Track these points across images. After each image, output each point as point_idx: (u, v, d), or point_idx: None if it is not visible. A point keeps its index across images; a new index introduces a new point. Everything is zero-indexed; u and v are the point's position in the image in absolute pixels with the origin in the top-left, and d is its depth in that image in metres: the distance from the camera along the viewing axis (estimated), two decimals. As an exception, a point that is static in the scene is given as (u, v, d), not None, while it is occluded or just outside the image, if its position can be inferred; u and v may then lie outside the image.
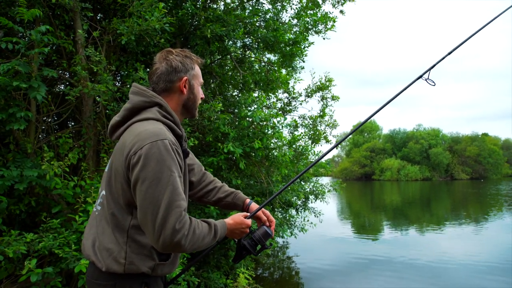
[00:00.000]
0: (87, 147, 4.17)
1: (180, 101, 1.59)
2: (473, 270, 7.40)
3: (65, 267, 3.24)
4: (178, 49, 1.62)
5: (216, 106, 4.66)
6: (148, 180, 1.32)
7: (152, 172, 1.32)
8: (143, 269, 1.43)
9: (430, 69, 1.98)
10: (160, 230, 1.30)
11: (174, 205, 1.32)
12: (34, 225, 3.81)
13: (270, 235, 1.75)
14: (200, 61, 1.67)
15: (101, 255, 1.44)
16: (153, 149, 1.34)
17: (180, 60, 1.56)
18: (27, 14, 3.31)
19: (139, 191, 1.34)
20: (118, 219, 1.44)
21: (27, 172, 3.35)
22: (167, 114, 1.51)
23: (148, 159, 1.33)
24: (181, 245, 1.32)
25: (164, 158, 1.34)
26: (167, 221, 1.30)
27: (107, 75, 3.90)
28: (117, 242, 1.43)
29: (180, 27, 5.07)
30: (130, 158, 1.37)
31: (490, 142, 67.59)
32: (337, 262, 8.10)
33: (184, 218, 1.34)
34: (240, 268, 5.18)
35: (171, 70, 1.54)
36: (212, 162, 4.79)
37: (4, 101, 3.43)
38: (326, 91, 7.54)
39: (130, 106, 1.52)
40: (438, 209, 19.23)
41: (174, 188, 1.34)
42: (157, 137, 1.37)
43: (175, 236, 1.30)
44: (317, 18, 6.32)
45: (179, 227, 1.31)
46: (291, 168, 6.34)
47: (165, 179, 1.33)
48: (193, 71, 1.60)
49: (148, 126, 1.42)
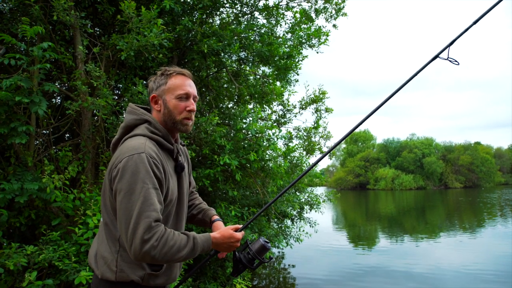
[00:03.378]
0: (86, 160, 4.24)
1: (159, 117, 1.65)
2: (468, 279, 7.46)
3: (65, 279, 3.29)
4: (162, 67, 1.68)
5: (212, 119, 4.76)
6: (123, 191, 1.40)
7: (127, 184, 1.40)
8: (132, 277, 1.50)
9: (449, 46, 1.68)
10: (131, 239, 1.36)
11: (144, 216, 1.37)
12: (34, 238, 3.85)
13: (268, 249, 1.71)
14: (187, 73, 1.66)
15: (99, 263, 1.54)
16: (129, 162, 1.42)
17: (153, 80, 1.66)
18: (30, 31, 3.41)
19: (117, 202, 1.42)
20: (110, 229, 1.53)
21: (28, 185, 3.41)
22: (155, 129, 1.60)
23: (124, 171, 1.41)
24: (150, 255, 1.36)
25: (138, 171, 1.41)
26: (136, 231, 1.35)
27: (107, 89, 3.99)
28: (110, 251, 1.52)
29: (177, 42, 5.19)
30: (112, 171, 1.47)
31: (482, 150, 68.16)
32: (333, 272, 8.12)
33: (154, 229, 1.38)
34: (237, 279, 5.21)
35: (148, 92, 1.67)
36: (208, 174, 4.87)
37: (5, 116, 3.51)
38: (320, 103, 7.68)
39: (125, 125, 1.64)
40: (433, 218, 19.32)
41: (145, 199, 1.39)
42: (135, 151, 1.45)
43: (144, 246, 1.35)
44: (311, 33, 6.48)
45: (148, 237, 1.35)
46: (286, 179, 6.43)
47: (138, 190, 1.39)
48: (165, 86, 1.62)
49: (132, 141, 1.52)
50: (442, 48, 1.70)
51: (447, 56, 1.66)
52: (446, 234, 13.08)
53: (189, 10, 5.31)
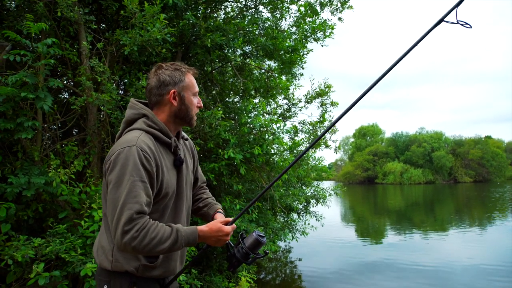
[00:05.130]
0: (91, 154, 4.30)
1: (171, 112, 1.67)
2: (477, 274, 7.41)
3: (72, 271, 3.36)
4: (170, 62, 1.71)
5: (216, 113, 4.78)
6: (112, 183, 1.45)
7: (116, 176, 1.44)
8: (127, 268, 1.54)
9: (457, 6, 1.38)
10: (114, 230, 1.41)
11: (126, 208, 1.40)
12: (41, 230, 3.93)
13: (262, 243, 1.65)
14: (194, 71, 1.73)
15: (98, 253, 1.60)
16: (121, 155, 1.46)
17: (168, 74, 1.65)
18: (34, 28, 3.45)
19: (107, 193, 1.47)
20: (108, 219, 1.55)
21: (35, 179, 3.47)
22: (152, 123, 1.61)
23: (115, 164, 1.46)
24: (131, 246, 1.39)
25: (127, 163, 1.44)
26: (118, 222, 1.40)
27: (111, 85, 4.03)
28: (107, 241, 1.58)
29: (181, 37, 5.21)
30: (106, 163, 1.53)
31: (493, 144, 67.27)
32: (340, 266, 8.11)
33: (136, 221, 1.39)
34: (242, 272, 5.26)
35: (159, 84, 1.64)
36: (213, 168, 4.91)
37: (12, 111, 3.57)
38: (326, 97, 7.66)
39: (125, 120, 1.67)
40: (442, 213, 19.19)
41: (129, 191, 1.41)
42: (127, 143, 1.49)
43: (124, 237, 1.38)
44: (316, 26, 6.44)
45: (127, 228, 1.38)
46: (291, 173, 6.45)
47: (124, 182, 1.43)
48: (183, 83, 1.66)
49: (128, 135, 1.56)
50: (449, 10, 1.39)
51: (456, 19, 1.36)
52: (455, 229, 12.99)
53: (193, 5, 5.33)
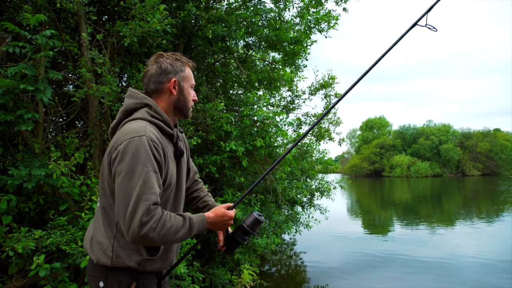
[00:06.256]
0: (93, 146, 4.29)
1: (170, 101, 1.66)
2: (485, 267, 7.32)
3: (72, 263, 3.37)
4: (170, 52, 1.70)
5: (218, 105, 4.75)
6: (123, 173, 1.40)
7: (127, 166, 1.40)
8: (129, 264, 1.50)
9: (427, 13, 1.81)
10: (129, 222, 1.36)
11: (143, 198, 1.37)
12: (42, 222, 3.95)
13: (261, 222, 1.75)
14: (192, 64, 1.73)
15: (94, 248, 1.54)
16: (130, 145, 1.42)
17: (169, 62, 1.63)
18: (32, 20, 3.43)
19: (115, 184, 1.42)
20: (108, 213, 1.53)
21: (35, 172, 3.47)
22: (156, 114, 1.59)
23: (124, 154, 1.41)
24: (149, 237, 1.37)
25: (139, 153, 1.41)
26: (135, 213, 1.35)
27: (111, 76, 4.01)
28: (106, 236, 1.52)
29: (183, 28, 5.17)
30: (112, 153, 1.47)
31: (502, 137, 66.55)
32: (346, 260, 8.06)
33: (153, 212, 1.38)
34: (245, 265, 5.26)
35: (160, 72, 1.62)
36: (215, 160, 4.88)
37: (12, 103, 3.57)
38: (329, 89, 7.58)
39: (124, 109, 1.63)
40: (449, 206, 19.06)
41: (144, 182, 1.39)
42: (136, 133, 1.45)
43: (142, 229, 1.35)
44: (320, 17, 6.35)
45: (146, 219, 1.35)
46: (295, 165, 6.41)
47: (138, 173, 1.39)
48: (183, 73, 1.67)
49: (132, 125, 1.52)
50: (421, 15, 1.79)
51: (425, 23, 1.76)
52: (462, 222, 12.88)
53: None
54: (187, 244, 3.87)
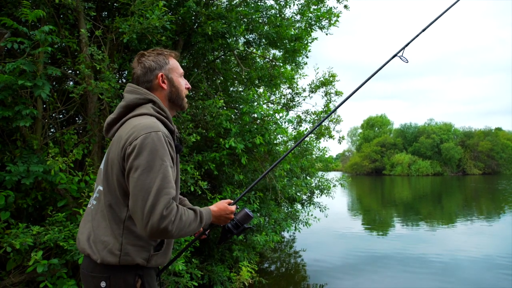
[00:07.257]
0: (92, 143, 4.29)
1: (163, 96, 1.67)
2: (485, 266, 7.31)
3: (70, 259, 3.37)
4: (150, 49, 1.71)
5: (217, 102, 4.74)
6: (141, 168, 1.40)
7: (145, 161, 1.40)
8: (138, 261, 1.49)
9: (405, 47, 2.15)
10: (148, 215, 1.36)
11: (164, 192, 1.39)
12: (40, 219, 3.94)
13: (251, 217, 1.86)
14: (175, 54, 1.75)
15: (96, 248, 1.50)
16: (147, 140, 1.42)
17: (152, 59, 1.65)
18: (31, 15, 3.42)
19: (132, 179, 1.41)
20: (115, 210, 1.51)
21: (33, 168, 3.47)
22: (161, 110, 1.61)
23: (142, 148, 1.41)
24: (168, 230, 1.38)
25: (157, 148, 1.42)
26: (156, 207, 1.36)
27: (110, 73, 4.00)
28: (112, 234, 1.49)
29: (182, 24, 5.14)
30: (126, 148, 1.45)
31: (503, 136, 66.40)
32: (346, 257, 8.04)
33: (172, 205, 1.41)
34: (243, 262, 5.26)
35: (146, 71, 1.64)
36: (214, 157, 4.87)
37: (11, 99, 3.56)
38: (330, 87, 7.56)
39: (125, 104, 1.61)
40: (449, 205, 19.03)
41: (164, 176, 1.41)
42: (151, 129, 1.45)
43: (163, 222, 1.36)
44: (321, 14, 6.31)
45: (167, 213, 1.37)
46: (294, 163, 6.40)
47: (157, 167, 1.40)
48: (168, 65, 1.68)
49: (143, 120, 1.51)
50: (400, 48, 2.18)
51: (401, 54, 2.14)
52: (463, 221, 12.85)
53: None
54: (185, 241, 3.87)
